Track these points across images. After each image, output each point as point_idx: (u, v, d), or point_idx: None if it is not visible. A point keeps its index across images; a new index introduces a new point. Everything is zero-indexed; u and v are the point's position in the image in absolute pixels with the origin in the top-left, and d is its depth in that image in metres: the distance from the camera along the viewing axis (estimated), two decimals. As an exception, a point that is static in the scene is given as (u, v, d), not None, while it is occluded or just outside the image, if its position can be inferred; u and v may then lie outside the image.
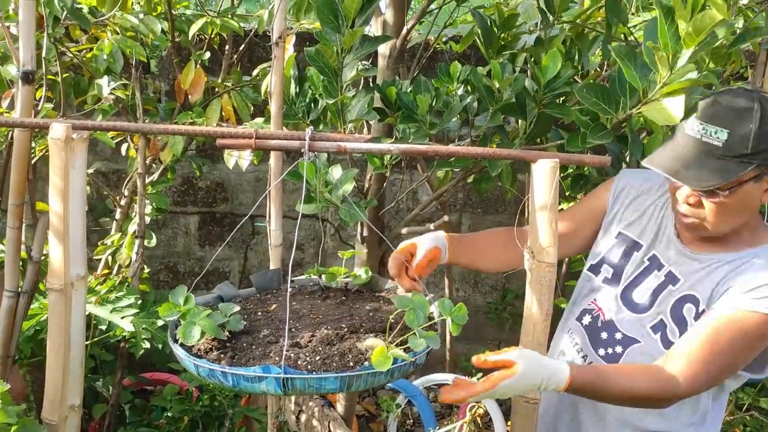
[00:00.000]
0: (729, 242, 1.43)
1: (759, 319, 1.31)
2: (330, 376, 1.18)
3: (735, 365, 1.38)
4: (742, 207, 1.36)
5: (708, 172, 1.30)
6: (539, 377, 1.24)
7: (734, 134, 1.29)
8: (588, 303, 1.60)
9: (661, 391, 1.34)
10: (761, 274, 1.34)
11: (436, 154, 1.36)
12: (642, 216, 1.56)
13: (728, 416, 2.75)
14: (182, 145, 2.28)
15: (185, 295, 1.29)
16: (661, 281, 1.48)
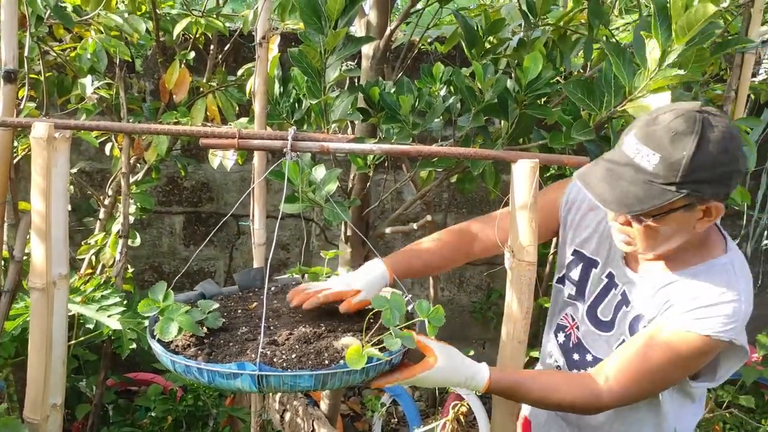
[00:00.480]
0: (675, 259, 1.39)
1: (694, 340, 1.30)
2: (305, 374, 1.19)
3: (667, 382, 1.38)
4: (673, 233, 1.30)
5: (633, 196, 1.24)
6: (458, 376, 1.31)
7: (666, 159, 1.20)
8: (561, 317, 1.61)
9: (584, 403, 1.38)
10: (700, 293, 1.32)
11: (418, 155, 1.37)
12: (594, 232, 1.52)
13: (708, 414, 2.78)
14: (167, 145, 2.28)
15: (165, 292, 1.30)
16: (618, 300, 1.48)
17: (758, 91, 2.30)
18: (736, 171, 1.23)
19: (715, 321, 1.28)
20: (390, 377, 1.29)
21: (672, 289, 1.36)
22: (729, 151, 1.21)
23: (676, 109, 1.24)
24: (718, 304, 1.29)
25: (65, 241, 1.34)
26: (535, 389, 1.38)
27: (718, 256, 1.36)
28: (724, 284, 1.31)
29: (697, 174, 1.20)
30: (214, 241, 3.52)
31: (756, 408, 2.99)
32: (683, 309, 1.32)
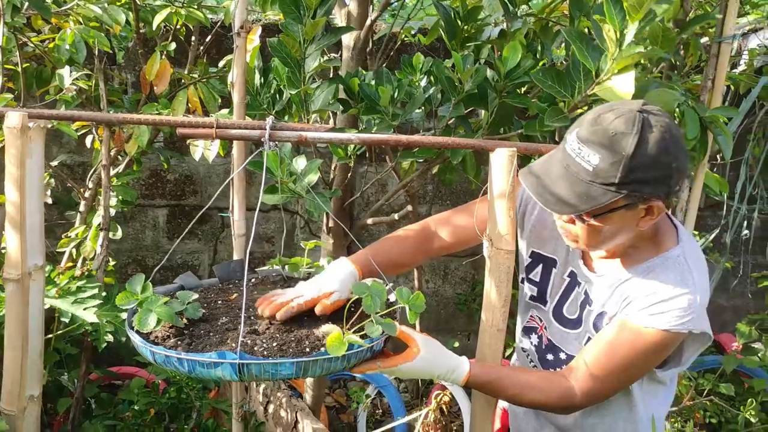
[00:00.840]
0: (629, 256, 1.40)
1: (653, 335, 1.31)
2: (286, 362, 1.19)
3: (634, 377, 1.41)
4: (616, 231, 1.31)
5: (574, 196, 1.23)
6: (439, 369, 1.33)
7: (605, 160, 1.20)
8: (528, 318, 1.62)
9: (556, 403, 1.40)
10: (655, 289, 1.33)
11: (397, 144, 1.37)
12: (552, 231, 1.49)
13: (689, 401, 2.81)
14: (147, 137, 2.27)
15: (143, 284, 1.29)
16: (582, 298, 1.49)
17: (737, 81, 2.33)
18: (676, 170, 1.23)
19: (670, 315, 1.30)
20: (372, 364, 1.30)
21: (628, 286, 1.38)
22: (669, 150, 1.20)
23: (617, 108, 1.24)
24: (673, 299, 1.31)
25: (41, 232, 1.33)
26: (511, 387, 1.40)
27: (670, 249, 1.37)
28: (677, 278, 1.33)
29: (637, 174, 1.20)
30: (198, 234, 3.51)
31: (736, 396, 3.02)
32: (640, 306, 1.33)
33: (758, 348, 2.98)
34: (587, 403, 1.41)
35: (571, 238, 1.37)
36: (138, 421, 2.20)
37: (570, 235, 1.37)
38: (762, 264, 3.53)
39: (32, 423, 1.37)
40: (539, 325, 1.58)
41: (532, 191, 1.28)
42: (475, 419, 1.52)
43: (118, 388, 2.87)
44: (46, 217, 2.81)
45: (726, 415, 2.98)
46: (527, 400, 1.42)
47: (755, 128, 2.70)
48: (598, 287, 1.44)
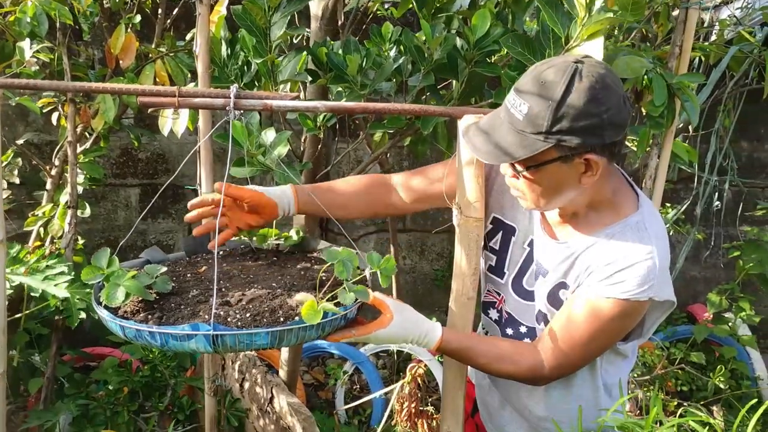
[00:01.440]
0: (588, 221, 1.38)
1: (614, 305, 1.31)
2: (261, 332, 1.17)
3: (601, 348, 1.40)
4: (557, 186, 1.28)
5: (506, 146, 1.22)
6: (412, 334, 1.33)
7: (533, 109, 1.19)
8: (485, 294, 1.60)
9: (525, 374, 1.41)
10: (614, 257, 1.31)
11: (364, 111, 1.36)
12: (513, 198, 1.45)
13: (661, 370, 2.86)
14: (114, 112, 2.22)
15: (109, 258, 1.27)
16: (535, 270, 1.47)
17: (708, 52, 2.33)
18: (609, 123, 1.20)
19: (630, 283, 1.29)
20: (346, 332, 1.29)
21: (590, 255, 1.36)
22: (599, 100, 1.18)
23: (555, 60, 1.23)
24: (633, 266, 1.29)
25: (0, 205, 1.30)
26: (482, 356, 1.40)
27: (630, 215, 1.36)
28: (636, 244, 1.31)
29: (564, 123, 1.18)
30: (172, 213, 3.47)
31: (707, 364, 3.09)
32: (600, 276, 1.32)
33: (728, 317, 3.04)
34: (556, 376, 1.41)
35: (518, 196, 1.36)
36: (111, 400, 2.18)
37: (516, 193, 1.36)
38: (733, 235, 3.59)
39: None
40: (497, 299, 1.57)
41: (469, 144, 1.27)
42: (447, 389, 1.53)
43: (92, 370, 2.85)
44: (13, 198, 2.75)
45: (697, 383, 3.05)
46: (496, 370, 1.42)
47: (725, 99, 2.72)
48: (555, 256, 1.42)
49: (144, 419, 2.24)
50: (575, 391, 1.51)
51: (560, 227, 1.43)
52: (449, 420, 1.49)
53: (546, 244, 1.44)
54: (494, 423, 1.68)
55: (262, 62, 1.62)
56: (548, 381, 1.43)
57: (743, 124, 3.14)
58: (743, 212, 3.39)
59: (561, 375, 1.42)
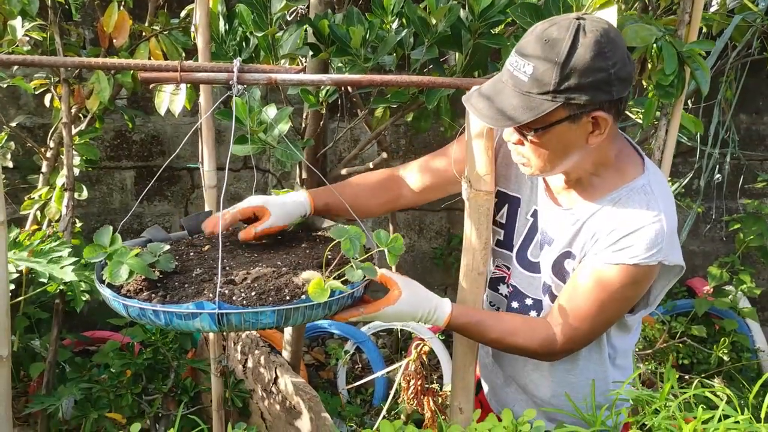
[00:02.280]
0: (593, 186, 1.36)
1: (623, 271, 1.28)
2: (267, 310, 1.15)
3: (612, 318, 1.38)
4: (564, 148, 1.25)
5: (511, 109, 1.19)
6: (421, 310, 1.31)
7: (538, 68, 1.16)
8: (494, 269, 1.58)
9: (538, 349, 1.39)
10: (620, 222, 1.29)
11: (370, 84, 1.33)
12: (516, 168, 1.43)
13: (662, 344, 2.87)
14: (109, 92, 2.17)
15: (111, 236, 1.24)
16: (540, 239, 1.45)
17: (711, 22, 2.31)
18: (616, 77, 1.18)
19: (638, 248, 1.27)
20: (354, 311, 1.27)
21: (596, 221, 1.33)
22: (606, 55, 1.16)
23: (555, 18, 1.21)
24: (640, 230, 1.27)
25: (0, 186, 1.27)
26: (492, 330, 1.38)
27: (636, 178, 1.33)
28: (643, 208, 1.29)
29: (571, 80, 1.15)
30: (168, 195, 3.43)
31: (707, 337, 3.10)
32: (608, 242, 1.30)
33: (729, 290, 3.05)
34: (569, 349, 1.39)
35: (521, 162, 1.33)
36: (114, 383, 2.16)
37: (520, 159, 1.32)
38: (732, 208, 3.58)
39: (2, 384, 1.33)
40: (507, 273, 1.55)
41: (473, 110, 1.24)
42: (456, 365, 1.51)
43: (92, 355, 2.83)
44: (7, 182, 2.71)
45: (698, 356, 3.06)
46: (508, 345, 1.40)
47: (727, 70, 2.69)
48: (560, 224, 1.39)
49: (148, 402, 2.22)
50: (581, 365, 1.50)
51: (564, 194, 1.41)
52: (460, 396, 1.48)
53: (550, 211, 1.42)
54: (498, 400, 1.67)
55: (262, 36, 1.58)
56: (561, 355, 1.41)
57: (742, 97, 3.12)
58: (743, 185, 3.38)
59: (573, 348, 1.40)
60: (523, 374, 1.57)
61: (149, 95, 3.19)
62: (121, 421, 2.22)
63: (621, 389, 1.28)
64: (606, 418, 1.28)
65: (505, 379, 1.63)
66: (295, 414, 2.06)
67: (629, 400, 1.29)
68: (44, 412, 2.16)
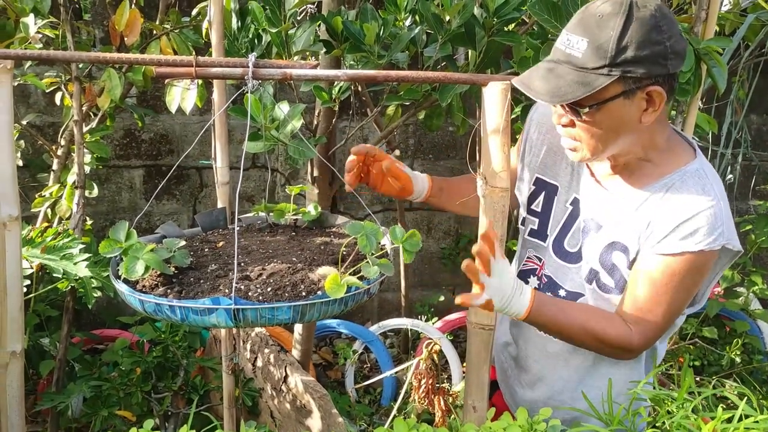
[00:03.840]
0: (642, 171, 1.34)
1: (687, 259, 1.26)
2: (283, 306, 1.15)
3: (678, 310, 1.35)
4: (617, 127, 1.23)
5: (565, 85, 1.18)
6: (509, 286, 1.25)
7: (593, 43, 1.15)
8: (525, 261, 1.55)
9: (614, 344, 1.34)
10: (677, 208, 1.27)
11: (386, 79, 1.31)
12: (555, 155, 1.45)
13: (672, 346, 2.85)
14: (120, 90, 2.17)
15: (126, 231, 1.24)
16: (583, 226, 1.42)
17: (723, 21, 2.29)
18: (672, 51, 1.17)
19: (701, 234, 1.25)
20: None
21: (649, 208, 1.31)
22: (661, 28, 1.16)
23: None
24: (699, 214, 1.25)
25: (13, 180, 1.26)
26: (580, 317, 1.32)
27: (689, 163, 1.31)
28: (699, 192, 1.27)
29: (627, 53, 1.15)
30: (176, 194, 3.43)
31: (718, 339, 3.08)
32: (666, 230, 1.27)
33: (740, 292, 3.02)
34: (643, 344, 1.35)
35: (571, 147, 1.30)
36: (124, 380, 2.16)
37: (570, 143, 1.30)
38: (743, 209, 3.56)
39: (16, 379, 1.32)
40: (538, 265, 1.52)
41: (526, 90, 1.22)
42: (471, 363, 1.50)
43: (100, 353, 2.83)
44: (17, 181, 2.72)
45: (708, 358, 3.03)
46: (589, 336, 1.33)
47: (740, 70, 2.68)
48: (608, 210, 1.36)
49: (157, 399, 2.22)
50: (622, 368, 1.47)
51: (611, 180, 1.38)
52: (474, 394, 1.46)
53: (597, 197, 1.39)
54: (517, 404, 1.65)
55: (275, 33, 1.58)
56: (635, 354, 1.37)
57: (754, 97, 3.10)
58: (755, 186, 3.36)
59: (647, 343, 1.36)
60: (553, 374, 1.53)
61: (159, 94, 3.20)
62: (131, 418, 2.22)
63: (638, 387, 1.27)
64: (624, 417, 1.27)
65: (529, 383, 1.60)
66: (305, 413, 2.05)
67: (647, 399, 1.28)
68: (54, 409, 2.16)
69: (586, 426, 1.25)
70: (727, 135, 2.70)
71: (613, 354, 1.39)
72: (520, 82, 1.25)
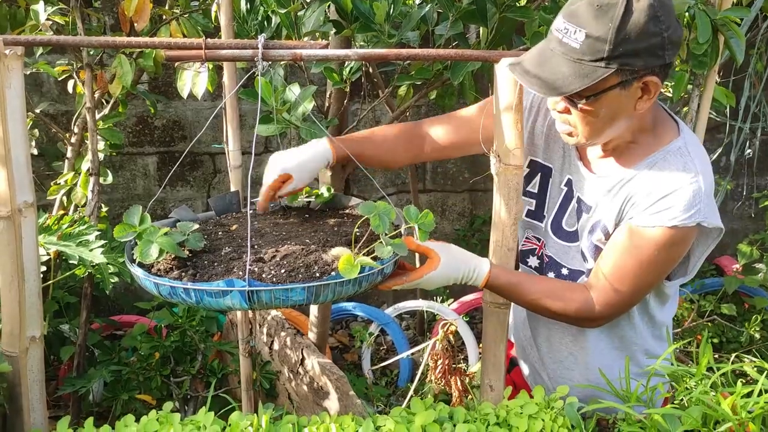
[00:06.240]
0: (629, 153, 1.35)
1: (662, 235, 1.27)
2: (297, 287, 1.15)
3: (652, 282, 1.36)
4: (613, 115, 1.24)
5: (563, 77, 1.17)
6: (460, 271, 1.30)
7: (591, 35, 1.14)
8: (523, 241, 1.56)
9: (575, 313, 1.36)
10: (657, 184, 1.28)
11: (397, 58, 1.30)
12: (547, 137, 1.45)
13: (691, 323, 2.83)
14: (131, 76, 2.17)
15: (140, 215, 1.24)
16: (577, 208, 1.44)
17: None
18: (669, 41, 1.17)
19: (676, 209, 1.25)
20: (398, 279, 1.27)
21: (631, 186, 1.32)
22: (659, 18, 1.14)
23: None
24: (677, 191, 1.26)
25: (28, 167, 1.27)
26: (531, 292, 1.36)
27: (672, 141, 1.32)
28: (679, 169, 1.28)
29: (625, 46, 1.14)
30: (190, 180, 3.44)
31: (737, 316, 3.05)
32: (645, 205, 1.29)
33: (759, 268, 2.99)
34: (606, 316, 1.37)
35: (567, 132, 1.31)
36: (143, 365, 2.18)
37: (566, 129, 1.31)
38: (762, 185, 3.50)
39: (36, 364, 1.34)
40: (537, 245, 1.53)
41: (521, 78, 1.21)
42: (487, 342, 1.49)
43: (118, 339, 2.86)
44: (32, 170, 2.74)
45: (727, 335, 3.01)
46: (544, 307, 1.38)
47: (758, 42, 2.62)
48: (595, 192, 1.38)
49: (176, 383, 2.24)
50: (617, 333, 1.48)
51: (599, 162, 1.39)
52: (491, 373, 1.46)
53: (587, 179, 1.40)
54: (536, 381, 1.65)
55: (284, 14, 1.56)
56: (598, 322, 1.39)
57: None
58: (773, 161, 3.31)
59: (611, 315, 1.38)
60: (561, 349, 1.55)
61: (170, 80, 3.20)
62: (151, 402, 2.24)
63: (657, 364, 1.26)
64: (641, 394, 1.26)
65: (541, 358, 1.61)
66: (322, 394, 2.07)
67: (665, 375, 1.27)
68: (75, 394, 2.19)
69: (605, 402, 1.25)
70: (745, 109, 2.66)
71: (576, 324, 1.43)
72: (514, 71, 1.23)
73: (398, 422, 1.23)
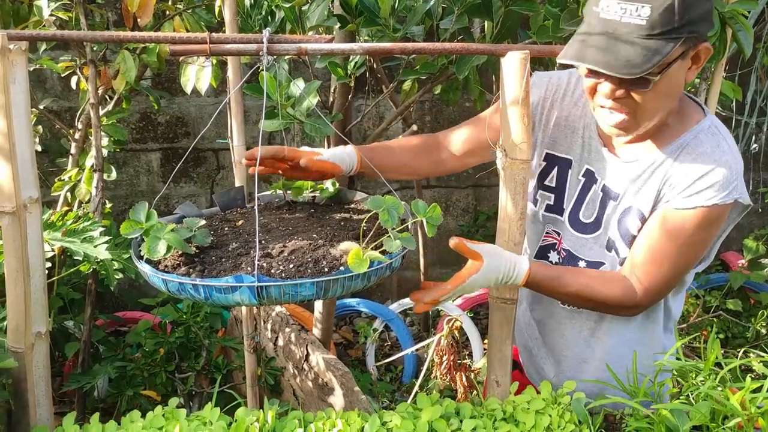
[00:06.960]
0: (658, 135, 1.33)
1: (700, 213, 1.27)
2: (306, 282, 1.14)
3: (687, 265, 1.36)
4: (670, 91, 1.23)
5: (636, 56, 1.13)
6: (501, 271, 1.27)
7: (657, 8, 1.12)
8: (544, 237, 1.55)
9: (619, 300, 1.35)
10: (692, 167, 1.28)
11: (402, 52, 1.30)
12: (564, 128, 1.44)
13: (697, 318, 2.82)
14: (135, 72, 2.17)
15: (147, 211, 1.24)
16: (601, 197, 1.42)
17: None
18: (712, 6, 1.18)
19: (714, 189, 1.26)
20: (442, 290, 1.25)
21: (664, 169, 1.32)
22: None
23: None
24: (715, 170, 1.26)
25: (32, 162, 1.26)
26: (573, 283, 1.34)
27: (700, 121, 1.32)
28: (713, 148, 1.28)
29: (691, 13, 1.13)
30: (194, 177, 3.44)
31: (743, 311, 3.04)
32: (682, 186, 1.28)
33: (765, 263, 2.98)
34: (648, 301, 1.36)
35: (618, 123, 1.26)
36: (148, 361, 2.18)
37: (620, 119, 1.26)
38: (767, 180, 3.49)
39: (41, 360, 1.34)
40: (557, 239, 1.52)
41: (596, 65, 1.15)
42: (493, 339, 1.48)
43: (122, 335, 2.86)
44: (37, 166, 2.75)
45: (733, 330, 3.00)
46: (587, 298, 1.36)
47: (764, 36, 2.60)
48: (623, 178, 1.37)
49: (181, 379, 2.24)
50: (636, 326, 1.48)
51: (626, 147, 1.38)
52: (497, 369, 1.46)
53: (613, 166, 1.39)
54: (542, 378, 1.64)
55: (289, 8, 1.56)
56: (639, 309, 1.38)
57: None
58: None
59: (652, 300, 1.37)
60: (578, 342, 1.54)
61: (173, 76, 3.20)
62: (156, 398, 2.25)
63: (664, 359, 1.26)
64: (649, 389, 1.26)
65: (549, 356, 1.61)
66: (327, 390, 2.07)
67: (672, 370, 1.26)
68: (80, 390, 2.19)
69: (611, 398, 1.24)
70: (752, 103, 2.64)
71: (616, 313, 1.42)
72: (578, 60, 1.18)
73: (405, 418, 1.23)
